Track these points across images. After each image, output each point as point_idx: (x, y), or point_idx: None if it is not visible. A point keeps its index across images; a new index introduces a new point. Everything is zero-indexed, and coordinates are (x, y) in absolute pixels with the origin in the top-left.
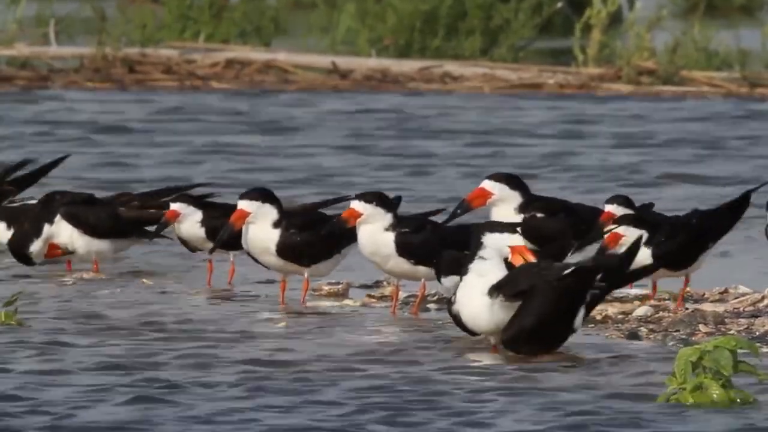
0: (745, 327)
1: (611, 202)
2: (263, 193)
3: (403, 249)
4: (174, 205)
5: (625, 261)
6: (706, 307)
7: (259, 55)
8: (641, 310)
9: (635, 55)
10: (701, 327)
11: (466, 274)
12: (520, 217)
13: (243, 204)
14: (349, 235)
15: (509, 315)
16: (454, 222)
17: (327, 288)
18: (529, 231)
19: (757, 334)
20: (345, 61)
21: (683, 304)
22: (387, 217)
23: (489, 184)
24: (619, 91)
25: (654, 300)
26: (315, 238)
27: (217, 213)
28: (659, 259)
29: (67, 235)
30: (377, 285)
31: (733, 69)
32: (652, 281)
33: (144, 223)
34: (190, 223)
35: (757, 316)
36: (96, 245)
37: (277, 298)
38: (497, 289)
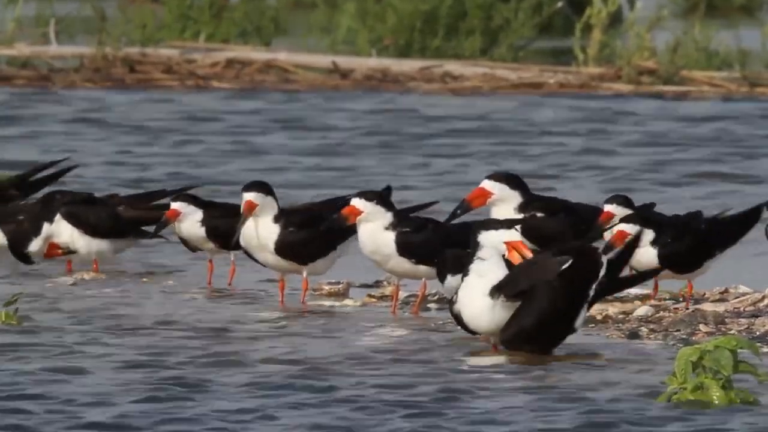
0: (746, 327)
1: (611, 201)
2: (265, 186)
3: (404, 248)
4: (174, 204)
5: (624, 256)
6: (707, 306)
7: (260, 54)
8: (642, 310)
9: (635, 55)
10: (702, 327)
11: (466, 274)
12: (520, 217)
13: (250, 196)
14: (345, 233)
15: (510, 315)
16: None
17: (327, 288)
18: (529, 231)
19: (758, 333)
20: (345, 61)
21: (689, 305)
22: (387, 216)
23: (489, 184)
24: (620, 90)
25: (654, 300)
26: (313, 237)
27: (217, 212)
28: (665, 260)
29: (68, 235)
30: (377, 285)
31: (734, 69)
32: (654, 281)
33: (143, 224)
34: (191, 222)
35: (757, 316)
36: (96, 245)
37: (277, 298)
38: (498, 290)
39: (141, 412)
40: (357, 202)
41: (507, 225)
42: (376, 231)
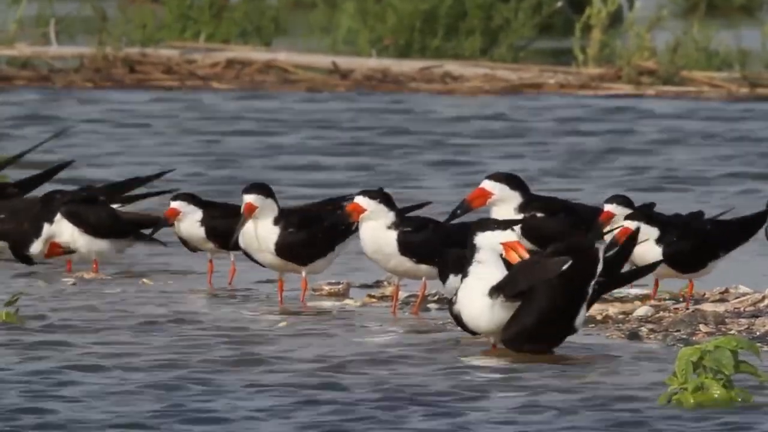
0: (746, 327)
1: (610, 201)
2: (265, 188)
3: (406, 248)
4: (174, 204)
5: (623, 253)
6: (707, 306)
7: (260, 55)
8: (642, 310)
9: (635, 55)
10: (702, 327)
11: (465, 275)
12: (520, 217)
13: (251, 198)
14: (345, 233)
15: (510, 315)
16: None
17: (327, 288)
18: (529, 231)
19: (758, 334)
20: (345, 61)
21: (689, 305)
22: (389, 215)
23: (489, 184)
24: (620, 90)
25: (654, 300)
26: (313, 237)
27: (217, 212)
28: (669, 258)
29: (69, 234)
30: (378, 285)
31: (734, 69)
32: (654, 280)
33: (143, 224)
34: (190, 222)
35: (757, 316)
36: (97, 245)
37: (276, 298)
38: (497, 290)
39: (141, 412)
40: (360, 200)
41: (504, 226)
42: (378, 230)
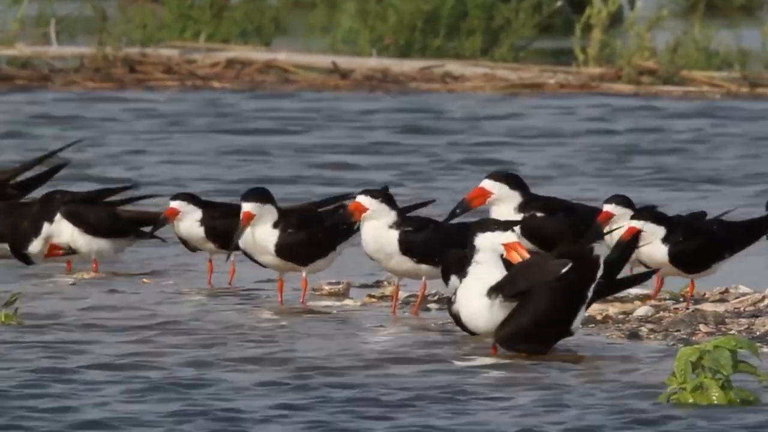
0: (746, 327)
1: (610, 201)
2: (264, 194)
3: (407, 247)
4: (174, 203)
5: (624, 254)
6: (707, 306)
7: (260, 55)
8: (642, 310)
9: (636, 55)
10: (702, 327)
11: (464, 276)
12: (520, 217)
13: (248, 206)
14: (346, 233)
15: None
16: (457, 220)
17: (327, 288)
18: (529, 230)
19: (758, 334)
20: (346, 61)
21: (689, 305)
22: (391, 215)
23: (489, 184)
24: (620, 91)
25: (654, 300)
26: (312, 237)
27: (216, 212)
28: (674, 258)
29: (68, 234)
30: (378, 285)
31: (734, 69)
32: (658, 278)
33: (143, 222)
34: (190, 221)
35: (757, 316)
36: (97, 244)
37: (276, 298)
38: (496, 290)
39: (141, 412)
40: (362, 199)
41: (504, 226)
42: (379, 229)
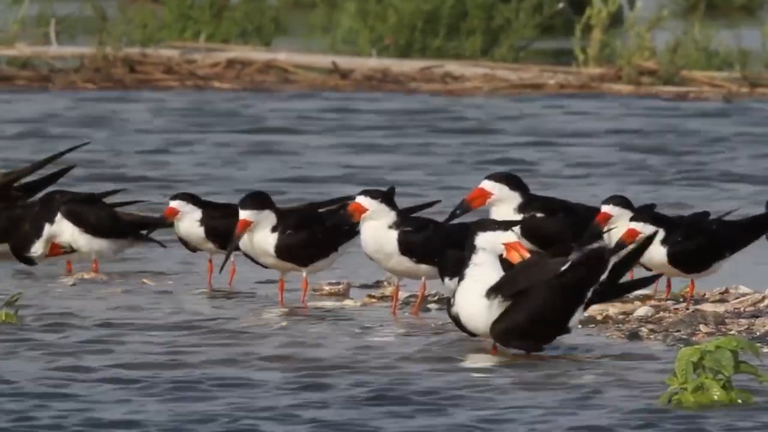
0: (746, 327)
1: (608, 202)
2: (262, 200)
3: (406, 247)
4: (173, 203)
5: (630, 258)
6: (707, 307)
7: (260, 55)
8: (642, 311)
9: (636, 55)
10: (702, 327)
11: (463, 277)
12: (520, 217)
13: (245, 214)
14: (346, 233)
15: None
16: (458, 220)
17: (328, 288)
18: (529, 231)
19: (758, 334)
20: (345, 61)
21: (690, 305)
22: (391, 215)
23: (489, 185)
24: (620, 91)
25: (654, 300)
26: (312, 238)
27: (216, 212)
28: (674, 258)
29: (69, 234)
30: (378, 285)
31: (734, 69)
32: (667, 280)
33: (143, 226)
34: (190, 221)
35: (757, 317)
36: (97, 244)
37: (277, 298)
38: (495, 291)
39: (141, 412)
40: (362, 200)
41: (504, 226)
42: (379, 229)
